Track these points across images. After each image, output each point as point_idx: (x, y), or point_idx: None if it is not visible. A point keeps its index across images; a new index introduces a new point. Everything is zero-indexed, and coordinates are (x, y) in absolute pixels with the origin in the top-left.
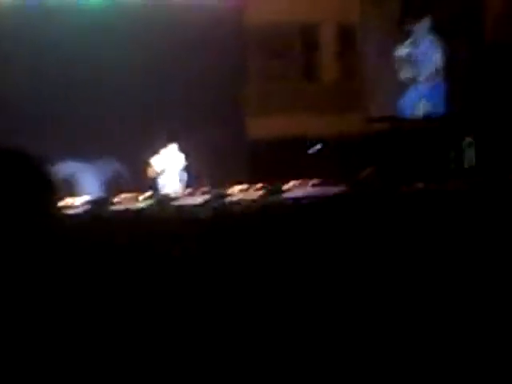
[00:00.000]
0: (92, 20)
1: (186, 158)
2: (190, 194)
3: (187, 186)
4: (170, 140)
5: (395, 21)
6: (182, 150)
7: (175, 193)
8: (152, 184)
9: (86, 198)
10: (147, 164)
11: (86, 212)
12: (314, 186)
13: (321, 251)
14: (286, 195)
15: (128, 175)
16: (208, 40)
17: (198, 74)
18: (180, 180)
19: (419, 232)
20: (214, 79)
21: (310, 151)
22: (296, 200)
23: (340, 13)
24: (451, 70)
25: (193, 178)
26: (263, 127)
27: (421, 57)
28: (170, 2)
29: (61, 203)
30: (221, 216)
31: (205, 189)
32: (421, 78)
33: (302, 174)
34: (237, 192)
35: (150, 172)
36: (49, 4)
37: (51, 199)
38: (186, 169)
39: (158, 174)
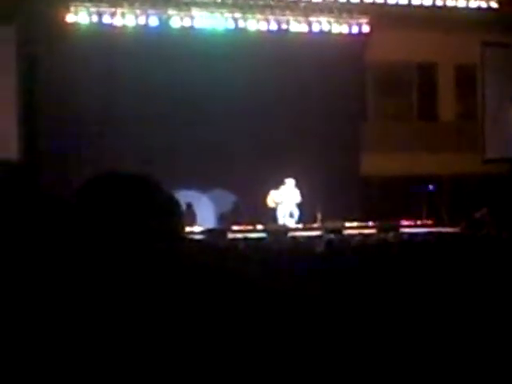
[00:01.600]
0: (213, 48)
1: (302, 193)
2: (305, 228)
3: (301, 220)
4: (287, 175)
5: None
6: (297, 185)
7: (290, 225)
8: (270, 215)
9: (203, 227)
10: (267, 195)
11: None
12: (427, 224)
13: (433, 288)
14: (399, 232)
15: (245, 207)
16: (328, 75)
17: (316, 108)
18: (294, 214)
19: None
20: (332, 115)
21: (426, 189)
22: (410, 237)
23: (459, 53)
24: None
25: (307, 213)
26: (378, 165)
27: None
28: (292, 33)
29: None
30: (335, 250)
31: (318, 223)
32: None
33: (416, 213)
34: (350, 227)
35: (270, 202)
36: (171, 28)
37: (179, 224)
38: (301, 203)
39: (277, 205)
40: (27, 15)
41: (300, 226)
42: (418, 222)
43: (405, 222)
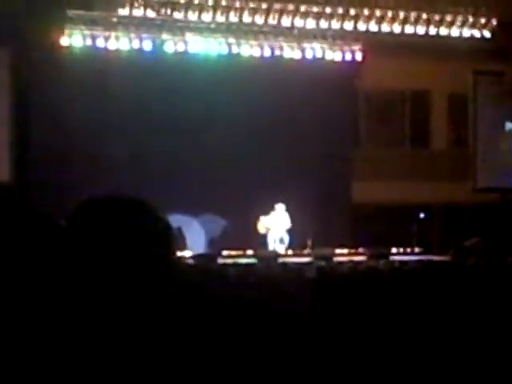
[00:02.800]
0: (206, 73)
1: (292, 219)
2: (295, 254)
3: (291, 246)
4: (277, 200)
5: (509, 93)
6: (287, 210)
7: (280, 251)
8: (260, 240)
9: (193, 251)
10: (257, 220)
11: (195, 265)
12: (418, 252)
13: (421, 315)
14: (389, 260)
15: (235, 232)
16: (321, 101)
17: (307, 134)
18: (284, 240)
19: None
20: (323, 140)
21: (417, 217)
22: (400, 265)
23: (452, 81)
24: None
25: (297, 239)
26: (369, 191)
27: None
28: (285, 59)
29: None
30: (325, 276)
31: (309, 249)
32: None
33: (406, 240)
34: (340, 254)
35: (260, 228)
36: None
37: (171, 248)
38: (292, 229)
39: (267, 231)
40: (21, 38)
41: (290, 252)
42: (409, 250)
43: (395, 250)
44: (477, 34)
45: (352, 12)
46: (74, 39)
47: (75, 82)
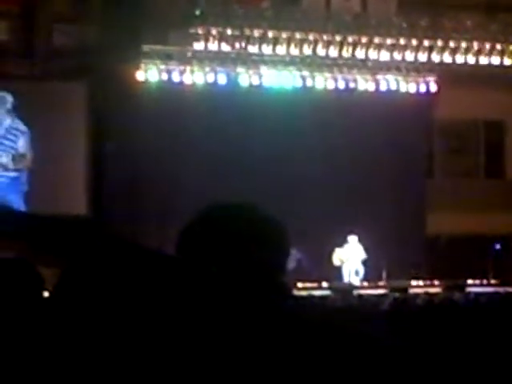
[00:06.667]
0: (281, 106)
1: (366, 251)
2: (370, 286)
3: (365, 278)
4: (352, 231)
5: None
6: (361, 242)
7: (355, 283)
8: (335, 273)
9: None
10: (332, 252)
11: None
12: (493, 284)
13: (497, 348)
14: (465, 292)
15: (309, 264)
16: (395, 132)
17: (382, 165)
18: (359, 271)
19: None
20: (397, 171)
21: (493, 248)
22: (476, 297)
23: None
24: None
25: (372, 270)
26: (444, 223)
27: None
28: (359, 91)
29: None
30: (401, 308)
31: (383, 281)
32: None
33: (482, 272)
34: (416, 285)
35: (335, 260)
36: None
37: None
38: (366, 260)
39: (342, 263)
40: (98, 73)
41: (365, 283)
42: (485, 282)
43: (471, 281)
44: None
45: (426, 43)
46: (149, 74)
47: (151, 116)
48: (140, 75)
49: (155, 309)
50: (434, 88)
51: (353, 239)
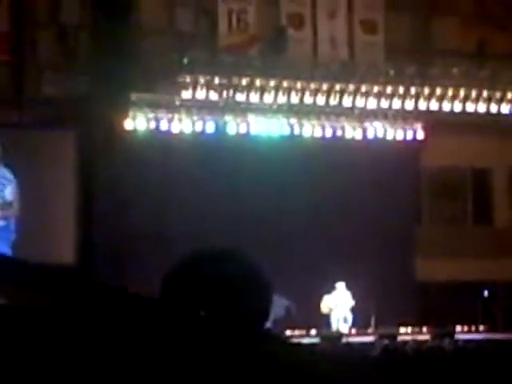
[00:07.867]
0: (268, 154)
1: (354, 297)
2: (358, 333)
3: (354, 325)
4: (339, 279)
5: None
6: (349, 288)
7: (343, 331)
8: (323, 320)
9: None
10: (321, 300)
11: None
12: (482, 331)
13: None
14: (453, 338)
15: (297, 312)
16: (383, 179)
17: (369, 211)
18: (348, 319)
19: None
20: (385, 218)
21: (481, 295)
22: (464, 344)
23: None
24: None
25: (360, 317)
26: (433, 269)
27: None
28: (346, 139)
29: None
30: (390, 355)
31: (372, 328)
32: None
33: (470, 318)
34: (404, 333)
35: (324, 308)
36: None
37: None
38: (354, 308)
39: (331, 310)
40: (86, 121)
41: (354, 331)
42: (473, 328)
43: (460, 328)
44: None
45: (412, 91)
46: (137, 122)
47: (139, 164)
48: (128, 124)
49: (142, 356)
50: (421, 135)
51: (341, 286)
